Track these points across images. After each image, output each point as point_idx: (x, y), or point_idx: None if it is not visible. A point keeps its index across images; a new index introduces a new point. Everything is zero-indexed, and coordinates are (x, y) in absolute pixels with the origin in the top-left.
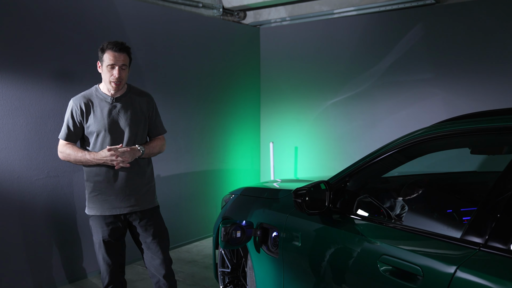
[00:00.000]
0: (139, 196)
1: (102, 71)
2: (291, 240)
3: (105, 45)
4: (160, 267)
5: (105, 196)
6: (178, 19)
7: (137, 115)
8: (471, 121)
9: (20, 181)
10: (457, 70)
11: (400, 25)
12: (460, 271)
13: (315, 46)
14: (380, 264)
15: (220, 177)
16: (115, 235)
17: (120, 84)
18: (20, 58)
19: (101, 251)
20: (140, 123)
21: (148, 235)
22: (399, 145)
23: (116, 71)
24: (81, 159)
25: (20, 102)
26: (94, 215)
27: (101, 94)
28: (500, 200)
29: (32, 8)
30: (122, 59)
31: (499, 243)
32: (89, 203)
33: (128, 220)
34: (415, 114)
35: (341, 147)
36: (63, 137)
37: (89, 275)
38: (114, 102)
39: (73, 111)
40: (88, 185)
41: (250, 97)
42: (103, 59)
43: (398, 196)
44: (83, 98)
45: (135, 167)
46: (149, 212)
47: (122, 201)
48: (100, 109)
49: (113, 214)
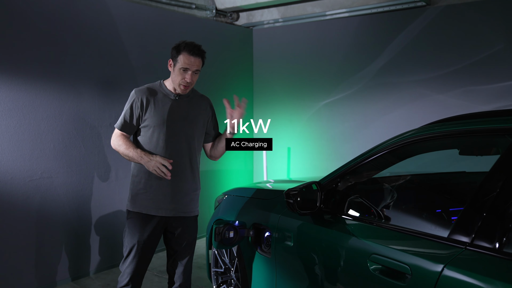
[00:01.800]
0: (186, 201)
1: (173, 71)
2: (283, 240)
3: (182, 46)
4: (181, 275)
5: (154, 195)
6: (171, 21)
7: (197, 116)
8: (460, 123)
9: (13, 182)
10: (448, 71)
11: (392, 27)
12: (447, 270)
13: (307, 48)
14: (370, 263)
15: (213, 178)
16: (151, 238)
17: (189, 88)
18: (13, 59)
19: (131, 254)
20: (198, 124)
21: (181, 242)
22: (389, 147)
23: (189, 75)
24: (129, 154)
25: (14, 104)
26: (137, 213)
27: (164, 89)
28: (486, 200)
29: (25, 10)
30: (196, 64)
31: (484, 242)
32: (134, 199)
33: (167, 224)
34: (406, 115)
35: (334, 148)
36: (119, 126)
37: (85, 275)
38: (177, 99)
39: (133, 102)
40: (137, 180)
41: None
42: (177, 60)
43: (388, 196)
44: (147, 90)
45: (188, 170)
46: (190, 220)
47: (169, 203)
48: (161, 104)
49: (156, 215)
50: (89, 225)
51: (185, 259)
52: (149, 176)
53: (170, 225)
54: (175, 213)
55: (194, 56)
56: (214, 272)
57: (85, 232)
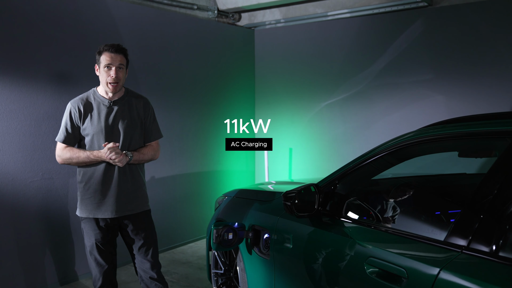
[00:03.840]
0: (132, 200)
1: (100, 73)
2: (281, 242)
3: (102, 47)
4: (150, 271)
5: (99, 199)
6: (173, 21)
7: (134, 118)
8: (459, 125)
9: (14, 183)
10: (450, 72)
11: (394, 27)
12: (443, 273)
13: (309, 48)
14: (367, 266)
15: (215, 179)
16: (108, 237)
17: (118, 85)
18: (15, 61)
19: (93, 254)
20: (136, 127)
21: (139, 239)
22: (387, 149)
23: (113, 71)
24: (85, 160)
25: (15, 105)
26: (86, 218)
27: (98, 97)
28: (482, 203)
29: (26, 11)
30: (118, 60)
31: (480, 246)
32: (82, 205)
33: (120, 223)
34: (409, 116)
35: (336, 149)
36: (61, 139)
37: (81, 278)
38: (111, 105)
39: (71, 113)
40: (82, 187)
41: (245, 98)
42: (100, 61)
43: (386, 198)
44: (81, 100)
45: (128, 170)
46: (141, 216)
47: (115, 204)
48: (97, 112)
49: (106, 218)
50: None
51: (148, 254)
52: (91, 181)
53: (122, 223)
54: (120, 213)
55: (115, 53)
56: (214, 274)
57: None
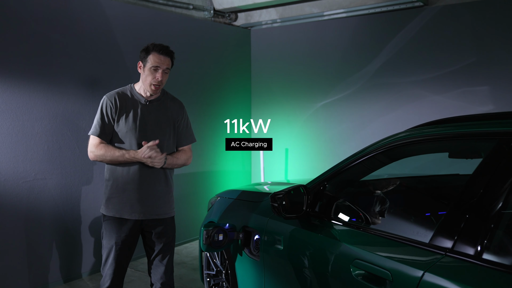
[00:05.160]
0: (161, 204)
1: (144, 72)
2: (271, 244)
3: (151, 46)
4: (163, 275)
5: (127, 198)
6: (168, 21)
7: (168, 119)
8: (449, 126)
9: (6, 184)
10: (445, 72)
11: (389, 27)
12: (426, 276)
13: (305, 48)
14: (353, 268)
15: (211, 179)
16: (129, 240)
17: (160, 88)
18: (7, 61)
19: (110, 255)
20: (169, 128)
21: (160, 243)
22: (376, 149)
23: (160, 74)
24: (119, 159)
25: (7, 105)
26: (112, 217)
27: (135, 94)
28: (466, 205)
29: (19, 11)
30: (166, 63)
31: (464, 249)
32: (109, 203)
33: (143, 226)
34: (404, 116)
35: (332, 149)
36: (96, 133)
37: (77, 277)
38: (147, 103)
39: (107, 107)
40: (110, 185)
41: (241, 98)
42: (146, 60)
43: (374, 200)
44: (117, 94)
45: (162, 173)
46: (166, 222)
47: (143, 206)
48: (132, 109)
49: (132, 219)
50: (82, 227)
51: (165, 259)
52: (122, 180)
53: (147, 226)
54: (148, 216)
55: (164, 55)
56: (206, 275)
57: (78, 233)
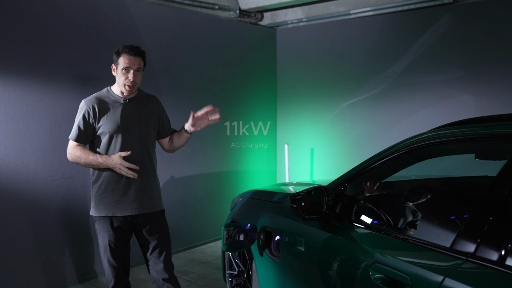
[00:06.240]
0: (149, 198)
1: (117, 74)
2: (291, 245)
3: (121, 48)
4: (162, 272)
5: (116, 197)
6: (194, 22)
7: (149, 116)
8: (475, 126)
9: (35, 182)
10: (475, 71)
11: (417, 25)
12: (447, 282)
13: (331, 47)
14: (372, 272)
15: (236, 178)
16: (122, 237)
17: (134, 88)
18: (36, 62)
19: (106, 254)
20: (151, 123)
21: (153, 239)
22: (399, 150)
23: (131, 74)
24: (92, 162)
25: (35, 105)
26: (101, 217)
27: (113, 95)
28: (490, 208)
29: (47, 13)
30: (137, 63)
31: (486, 254)
32: (99, 204)
33: (134, 222)
34: (432, 116)
35: (358, 149)
36: (74, 138)
37: (100, 275)
38: (127, 103)
39: (85, 112)
40: (98, 186)
41: (267, 98)
42: (118, 62)
43: (395, 202)
44: (96, 99)
45: (149, 169)
46: (156, 216)
47: (133, 202)
48: (113, 110)
49: (122, 216)
50: None
51: (162, 255)
52: (109, 180)
53: (138, 223)
54: (140, 210)
55: (134, 56)
56: (228, 275)
57: None
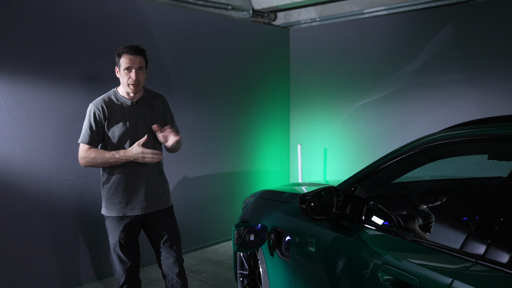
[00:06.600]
0: (158, 196)
1: (120, 75)
2: (301, 245)
3: (121, 49)
4: (173, 266)
5: (126, 198)
6: (207, 22)
7: (156, 116)
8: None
9: (49, 181)
10: (490, 70)
11: (432, 24)
12: (456, 284)
13: (345, 47)
14: (381, 273)
15: (249, 178)
16: (131, 235)
17: (138, 86)
18: (51, 63)
19: (116, 251)
20: (158, 122)
21: (163, 235)
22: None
23: (133, 73)
24: (109, 160)
25: (50, 106)
26: (112, 216)
27: (120, 97)
28: (499, 210)
29: (61, 15)
30: (138, 61)
31: (496, 257)
32: (110, 205)
33: (144, 219)
34: (447, 116)
35: (371, 149)
36: (86, 140)
37: (115, 273)
38: (134, 104)
39: (95, 114)
40: (108, 187)
41: (280, 98)
42: (120, 63)
43: (405, 203)
44: (103, 101)
45: (157, 166)
46: (165, 212)
47: (144, 202)
48: (120, 112)
49: (133, 215)
50: None
51: (172, 249)
52: (120, 181)
53: (147, 219)
54: (150, 209)
55: (134, 55)
56: (239, 274)
57: None
